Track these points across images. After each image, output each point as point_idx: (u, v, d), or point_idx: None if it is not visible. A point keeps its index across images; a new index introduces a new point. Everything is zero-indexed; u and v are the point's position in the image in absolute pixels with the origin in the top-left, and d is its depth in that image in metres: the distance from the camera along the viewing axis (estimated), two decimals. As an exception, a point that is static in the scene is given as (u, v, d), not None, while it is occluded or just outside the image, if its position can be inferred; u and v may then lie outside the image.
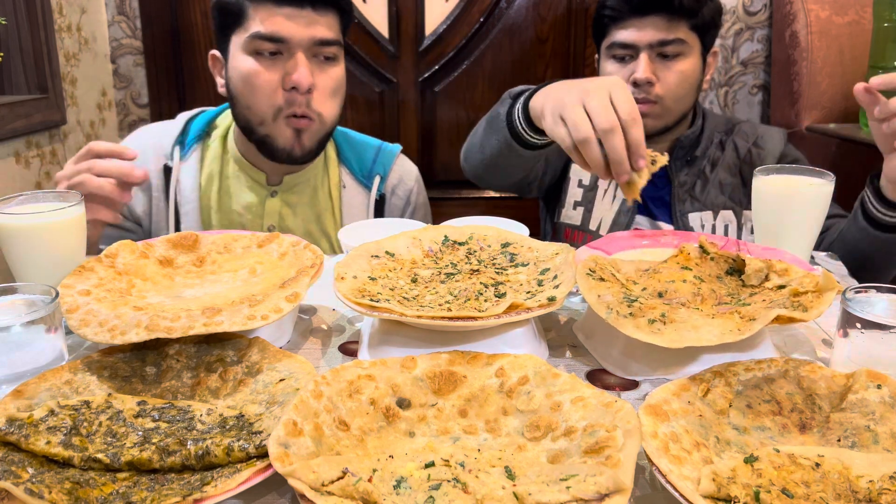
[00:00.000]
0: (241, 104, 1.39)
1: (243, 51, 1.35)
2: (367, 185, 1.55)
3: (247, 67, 1.35)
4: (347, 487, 0.58)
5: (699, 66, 1.56)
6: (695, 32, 1.54)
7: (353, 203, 1.54)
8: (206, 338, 0.83)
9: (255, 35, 1.32)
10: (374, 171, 1.56)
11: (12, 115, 2.03)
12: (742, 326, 0.77)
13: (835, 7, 2.35)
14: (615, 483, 0.56)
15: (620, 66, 1.57)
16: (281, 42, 1.32)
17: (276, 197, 1.50)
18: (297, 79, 1.32)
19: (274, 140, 1.39)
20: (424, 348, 0.82)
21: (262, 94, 1.35)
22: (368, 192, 1.55)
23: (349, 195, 1.53)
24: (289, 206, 1.51)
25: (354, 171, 1.55)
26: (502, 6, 2.63)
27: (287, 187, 1.50)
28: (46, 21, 2.18)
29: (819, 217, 1.11)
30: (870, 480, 0.59)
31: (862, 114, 2.18)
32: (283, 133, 1.38)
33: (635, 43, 1.52)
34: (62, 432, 0.66)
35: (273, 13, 1.32)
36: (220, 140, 1.51)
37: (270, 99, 1.35)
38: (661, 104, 1.54)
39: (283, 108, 1.36)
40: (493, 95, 2.70)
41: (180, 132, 1.51)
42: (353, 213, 1.53)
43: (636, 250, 1.06)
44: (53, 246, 0.96)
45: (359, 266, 0.92)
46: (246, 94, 1.37)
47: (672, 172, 1.60)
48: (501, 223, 1.16)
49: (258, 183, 1.49)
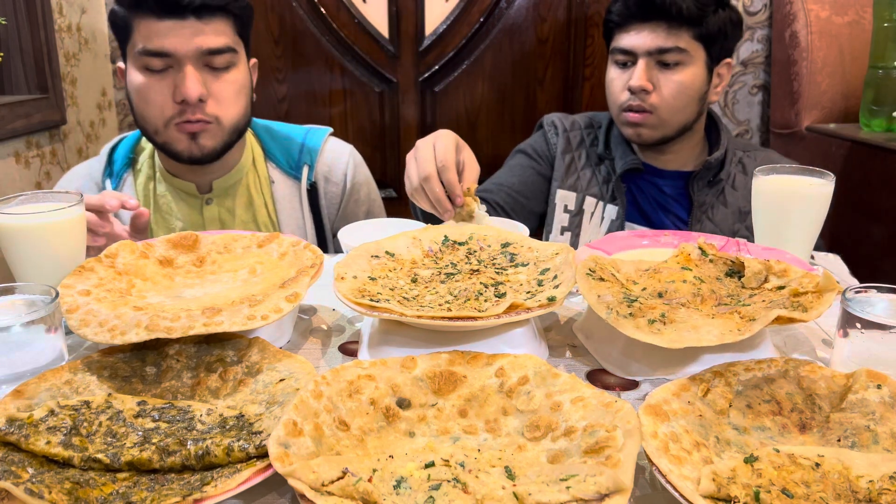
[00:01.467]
0: (136, 115, 1.39)
1: (134, 65, 1.35)
2: (297, 176, 1.53)
3: (138, 82, 1.35)
4: (347, 487, 0.58)
5: (702, 78, 1.54)
6: (699, 42, 1.51)
7: (285, 196, 1.52)
8: (206, 338, 0.83)
9: (141, 51, 1.31)
10: (301, 160, 1.54)
11: (12, 115, 2.03)
12: (742, 327, 0.77)
13: (835, 7, 2.35)
14: (615, 483, 0.56)
15: (621, 72, 1.56)
16: (167, 56, 1.31)
17: (211, 204, 1.49)
18: (185, 92, 1.31)
19: (171, 145, 1.39)
20: (424, 348, 0.82)
21: (153, 106, 1.35)
22: (299, 183, 1.53)
23: (279, 190, 1.52)
24: (228, 211, 1.50)
25: (282, 165, 1.53)
26: (502, 6, 2.63)
27: (220, 192, 1.49)
28: (46, 21, 2.18)
29: (819, 217, 1.11)
30: (870, 480, 0.59)
31: (862, 114, 2.18)
32: (178, 138, 1.38)
33: (634, 49, 1.51)
34: (62, 432, 0.66)
35: (155, 27, 1.30)
36: (148, 161, 1.51)
37: (161, 111, 1.35)
38: (656, 114, 1.53)
39: (173, 117, 1.35)
40: (493, 95, 2.71)
41: (107, 163, 1.51)
42: (287, 206, 1.52)
43: (636, 250, 1.06)
44: (53, 246, 0.96)
45: (359, 266, 0.92)
46: (139, 107, 1.37)
47: (693, 192, 1.59)
48: (501, 223, 1.16)
49: (190, 194, 1.49)
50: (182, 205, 1.49)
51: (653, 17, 1.49)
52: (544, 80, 2.70)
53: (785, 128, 2.47)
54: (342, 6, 2.61)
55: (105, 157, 1.53)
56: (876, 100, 2.12)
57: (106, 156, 1.53)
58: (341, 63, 2.67)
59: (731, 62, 1.59)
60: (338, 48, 2.65)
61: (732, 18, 1.55)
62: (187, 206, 1.49)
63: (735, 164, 1.61)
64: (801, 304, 0.80)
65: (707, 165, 1.57)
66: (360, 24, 2.62)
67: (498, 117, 2.73)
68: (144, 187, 1.50)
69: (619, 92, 1.57)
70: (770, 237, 1.12)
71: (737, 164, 1.61)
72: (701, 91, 1.54)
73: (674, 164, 1.64)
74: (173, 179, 1.48)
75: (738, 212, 1.58)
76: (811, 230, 1.11)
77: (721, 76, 1.59)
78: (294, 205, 1.53)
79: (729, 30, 1.54)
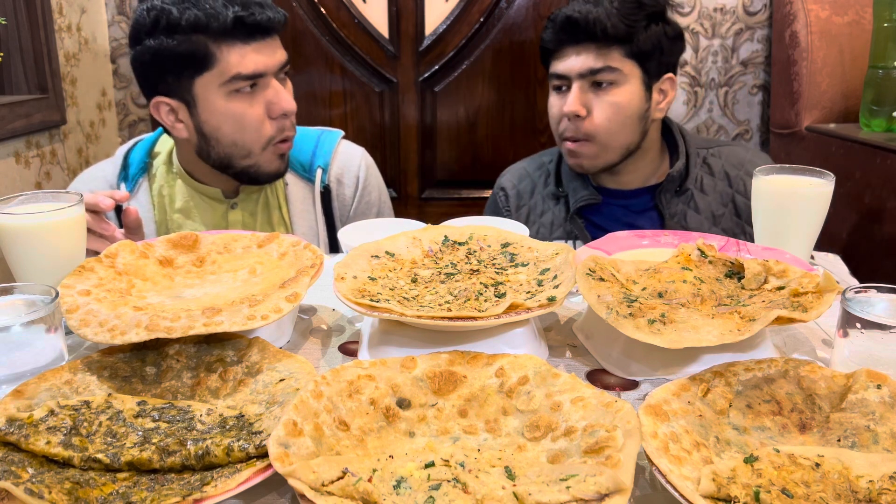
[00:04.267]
0: (223, 143, 1.38)
1: (219, 94, 1.33)
2: (310, 178, 1.54)
3: (230, 108, 1.34)
4: (347, 487, 0.58)
5: (639, 96, 1.48)
6: (632, 60, 1.46)
7: (298, 198, 1.53)
8: (206, 338, 0.83)
9: (236, 77, 1.32)
10: (314, 163, 1.55)
11: (12, 115, 2.03)
12: (742, 327, 0.77)
13: (835, 7, 2.35)
14: (615, 483, 0.56)
15: (558, 98, 1.53)
16: (259, 76, 1.34)
17: (236, 209, 1.50)
18: (286, 106, 1.36)
19: (259, 168, 1.40)
20: (424, 348, 0.82)
21: (251, 129, 1.36)
22: (312, 184, 1.54)
23: (293, 192, 1.53)
24: (250, 214, 1.51)
25: (295, 167, 1.54)
26: (502, 6, 2.63)
27: (244, 198, 1.51)
28: (46, 21, 2.18)
29: (819, 217, 1.11)
30: (870, 480, 0.59)
31: (862, 114, 2.18)
32: (271, 161, 1.40)
33: (567, 73, 1.48)
34: (62, 432, 0.66)
35: (244, 51, 1.31)
36: (164, 166, 1.51)
37: (259, 132, 1.36)
38: (595, 141, 1.49)
39: (273, 136, 1.38)
40: (493, 95, 2.71)
41: (122, 166, 1.51)
42: (300, 208, 1.53)
43: (636, 250, 1.06)
44: (53, 246, 0.96)
45: (359, 266, 0.92)
46: (232, 133, 1.36)
47: (662, 205, 1.54)
48: (501, 223, 1.16)
49: (215, 199, 1.49)
50: (206, 209, 1.49)
51: (581, 39, 1.45)
52: (544, 80, 2.70)
53: (785, 128, 2.47)
54: (342, 6, 2.61)
55: (120, 160, 1.52)
56: (876, 100, 2.12)
57: (121, 159, 1.52)
58: (341, 63, 2.67)
59: (673, 77, 1.53)
60: (338, 48, 2.65)
61: (668, 33, 1.49)
62: (211, 210, 1.49)
63: (700, 167, 1.56)
64: (801, 305, 0.80)
65: (670, 178, 1.52)
66: (360, 24, 2.62)
67: (498, 117, 2.73)
68: (159, 193, 1.50)
69: (557, 120, 1.54)
70: (770, 237, 1.11)
71: (701, 166, 1.56)
72: (640, 110, 1.49)
73: (635, 182, 1.59)
74: (197, 185, 1.48)
75: (710, 216, 1.54)
76: (811, 230, 1.11)
77: (664, 92, 1.53)
78: (307, 206, 1.53)
79: (665, 45, 1.48)
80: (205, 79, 1.33)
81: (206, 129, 1.37)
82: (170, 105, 1.37)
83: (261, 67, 1.33)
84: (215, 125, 1.36)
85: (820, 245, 1.17)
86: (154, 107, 1.39)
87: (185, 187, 1.49)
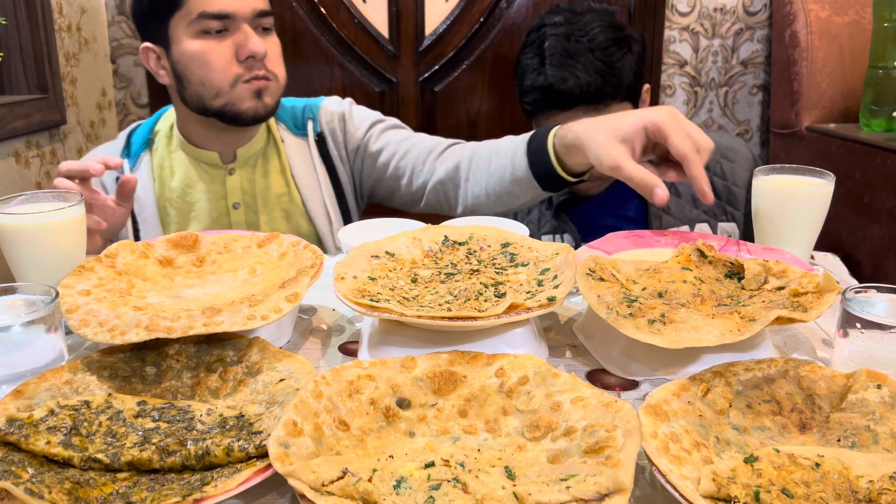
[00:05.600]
0: (193, 83, 1.40)
1: (188, 34, 1.37)
2: (305, 134, 1.57)
3: (197, 48, 1.37)
4: (347, 487, 0.58)
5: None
6: (626, 101, 1.48)
7: (296, 154, 1.55)
8: (206, 338, 0.83)
9: (202, 15, 1.34)
10: (304, 118, 1.58)
11: (12, 115, 2.03)
12: (742, 327, 0.77)
13: (835, 7, 2.35)
14: (615, 483, 0.56)
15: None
16: (227, 18, 1.35)
17: (234, 174, 1.52)
18: (253, 48, 1.36)
19: (234, 106, 1.41)
20: (424, 348, 0.82)
21: (216, 68, 1.37)
22: (306, 139, 1.56)
23: (290, 148, 1.55)
24: (248, 181, 1.53)
25: (289, 126, 1.57)
26: (502, 6, 2.63)
27: (242, 162, 1.52)
28: (46, 21, 2.18)
29: (819, 217, 1.11)
30: (870, 480, 0.59)
31: (862, 114, 2.18)
32: (243, 96, 1.40)
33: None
34: (62, 432, 0.66)
35: None
36: (165, 140, 1.54)
37: (225, 72, 1.38)
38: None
39: (241, 74, 1.39)
40: (493, 95, 2.71)
41: (125, 146, 1.54)
42: (298, 161, 1.55)
43: (636, 250, 1.06)
44: (53, 246, 0.96)
45: (359, 266, 0.92)
46: (199, 72, 1.38)
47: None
48: (501, 223, 1.16)
49: (213, 165, 1.51)
50: (205, 177, 1.51)
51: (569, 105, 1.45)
52: (544, 80, 2.70)
53: (785, 128, 2.47)
54: (342, 6, 2.61)
55: (123, 139, 1.56)
56: (876, 100, 2.12)
57: (124, 138, 1.56)
58: (341, 63, 2.67)
59: (648, 87, 1.55)
60: (338, 48, 2.65)
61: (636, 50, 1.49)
62: (210, 177, 1.52)
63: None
64: (801, 305, 0.80)
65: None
66: (360, 24, 2.62)
67: (497, 117, 2.73)
68: (160, 166, 1.52)
69: None
70: (770, 237, 1.11)
71: None
72: None
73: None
74: (196, 151, 1.51)
75: (691, 199, 1.55)
76: (811, 230, 1.11)
77: (643, 101, 1.55)
78: (305, 159, 1.55)
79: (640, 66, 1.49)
80: (176, 19, 1.37)
81: (178, 69, 1.41)
82: (154, 51, 1.44)
83: (228, 8, 1.34)
84: (185, 64, 1.39)
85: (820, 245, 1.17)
86: (143, 54, 1.45)
87: (184, 158, 1.52)
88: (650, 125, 1.05)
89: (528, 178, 1.27)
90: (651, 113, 1.06)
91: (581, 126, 1.14)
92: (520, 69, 1.56)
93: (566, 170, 1.22)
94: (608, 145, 1.06)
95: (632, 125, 1.06)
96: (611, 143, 1.06)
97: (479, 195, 1.39)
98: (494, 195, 1.36)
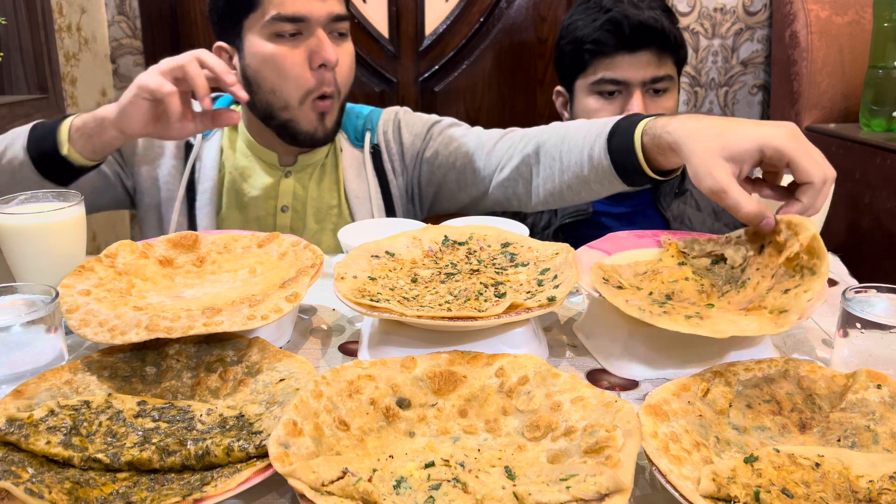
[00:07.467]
0: (263, 89, 1.37)
1: (262, 36, 1.33)
2: (362, 146, 1.54)
3: (270, 51, 1.33)
4: (347, 487, 0.58)
5: (679, 100, 1.52)
6: (677, 67, 1.49)
7: (352, 166, 1.52)
8: (206, 338, 0.83)
9: (276, 17, 1.31)
10: (364, 128, 1.55)
11: (12, 115, 2.03)
12: (777, 320, 0.76)
13: (835, 7, 2.35)
14: (615, 483, 0.56)
15: (606, 103, 1.50)
16: (301, 21, 1.32)
17: (290, 178, 1.50)
18: (327, 55, 1.32)
19: (296, 124, 1.39)
20: (424, 348, 0.82)
21: (289, 75, 1.34)
22: (362, 151, 1.53)
23: (346, 159, 1.53)
24: (303, 187, 1.51)
25: (350, 137, 1.55)
26: (502, 6, 2.63)
27: (300, 167, 1.50)
28: (46, 21, 2.18)
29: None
30: (870, 480, 0.59)
31: (862, 114, 2.18)
32: (307, 117, 1.38)
33: (629, 80, 1.45)
34: (62, 432, 0.66)
35: None
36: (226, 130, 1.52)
37: (298, 81, 1.34)
38: None
39: (312, 89, 1.36)
40: (494, 95, 2.71)
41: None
42: (352, 175, 1.51)
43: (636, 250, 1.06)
44: (53, 246, 0.96)
45: (359, 266, 0.92)
46: (271, 79, 1.35)
47: (663, 209, 1.54)
48: (501, 223, 1.16)
49: (270, 165, 1.49)
50: (261, 174, 1.49)
51: (643, 47, 1.43)
52: (544, 80, 2.70)
53: (785, 128, 2.47)
54: (342, 6, 2.61)
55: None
56: (876, 100, 2.12)
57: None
58: (341, 63, 2.67)
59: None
60: (338, 48, 2.65)
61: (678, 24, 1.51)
62: (267, 175, 1.49)
63: None
64: (801, 266, 0.79)
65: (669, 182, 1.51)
66: (360, 24, 2.62)
67: (498, 117, 2.73)
68: (226, 148, 1.50)
69: None
70: (770, 237, 1.11)
71: None
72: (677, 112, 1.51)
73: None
74: (257, 148, 1.49)
75: (711, 212, 1.54)
76: (811, 230, 1.11)
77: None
78: (360, 172, 1.52)
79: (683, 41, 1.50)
80: (250, 20, 1.34)
81: (249, 72, 1.37)
82: (227, 51, 1.40)
83: (303, 11, 1.31)
84: (256, 68, 1.36)
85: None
86: (216, 53, 1.40)
87: (246, 149, 1.50)
88: (769, 150, 0.88)
89: (609, 175, 1.16)
90: (770, 132, 0.88)
91: (682, 130, 0.97)
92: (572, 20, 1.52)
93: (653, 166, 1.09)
94: (713, 164, 0.89)
95: (745, 145, 0.89)
96: (716, 161, 0.89)
97: (554, 191, 1.31)
98: (571, 191, 1.27)
